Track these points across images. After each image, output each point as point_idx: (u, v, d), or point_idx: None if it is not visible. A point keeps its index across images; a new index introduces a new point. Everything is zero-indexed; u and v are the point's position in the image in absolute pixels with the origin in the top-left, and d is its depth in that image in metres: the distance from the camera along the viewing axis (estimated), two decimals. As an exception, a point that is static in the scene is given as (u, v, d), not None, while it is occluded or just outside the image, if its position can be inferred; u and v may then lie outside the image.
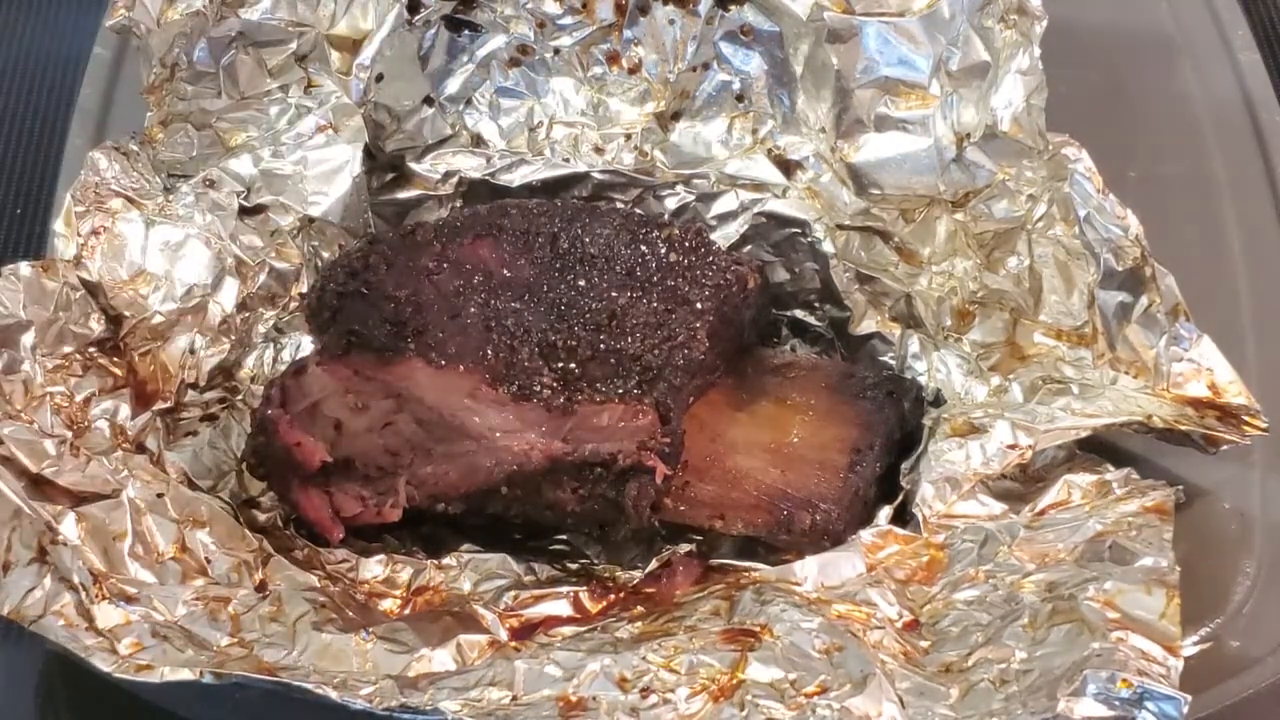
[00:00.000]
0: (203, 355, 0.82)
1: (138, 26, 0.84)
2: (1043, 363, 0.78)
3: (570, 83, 0.95)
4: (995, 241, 0.81)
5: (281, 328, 0.88)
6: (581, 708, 0.62)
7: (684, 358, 0.77)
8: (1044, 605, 0.64)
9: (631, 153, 0.94)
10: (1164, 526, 0.67)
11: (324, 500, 0.78)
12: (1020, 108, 0.79)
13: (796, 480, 0.79)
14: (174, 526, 0.72)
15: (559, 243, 0.81)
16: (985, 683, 0.61)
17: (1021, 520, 0.71)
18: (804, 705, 0.61)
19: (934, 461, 0.75)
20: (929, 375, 0.84)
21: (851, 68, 0.85)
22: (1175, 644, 0.60)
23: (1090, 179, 0.74)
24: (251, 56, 0.88)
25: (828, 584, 0.70)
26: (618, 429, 0.76)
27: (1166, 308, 0.71)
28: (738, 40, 0.91)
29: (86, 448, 0.73)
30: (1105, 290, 0.73)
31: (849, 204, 0.88)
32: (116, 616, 0.65)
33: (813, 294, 0.92)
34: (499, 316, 0.77)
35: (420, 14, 0.92)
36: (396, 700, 0.61)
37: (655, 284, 0.79)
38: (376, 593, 0.77)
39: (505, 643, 0.71)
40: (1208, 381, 0.70)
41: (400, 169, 0.95)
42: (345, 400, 0.76)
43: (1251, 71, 0.94)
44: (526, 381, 0.75)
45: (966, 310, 0.83)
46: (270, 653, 0.67)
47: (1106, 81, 0.94)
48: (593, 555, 0.84)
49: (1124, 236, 0.72)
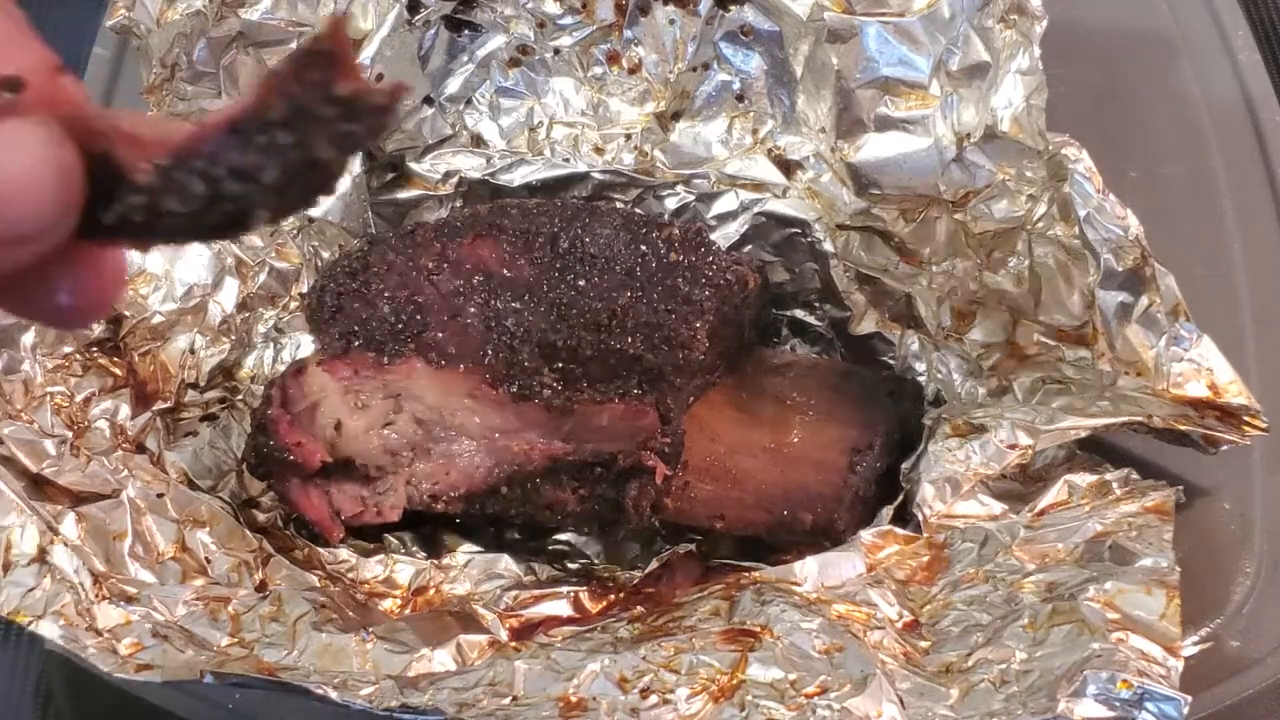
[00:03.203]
0: (203, 355, 0.82)
1: (138, 26, 0.84)
2: (1043, 363, 0.78)
3: (570, 83, 0.95)
4: (995, 241, 0.81)
5: (281, 328, 0.88)
6: (581, 708, 0.62)
7: (684, 358, 0.77)
8: (1044, 605, 0.64)
9: (631, 153, 0.94)
10: (1164, 526, 0.67)
11: (324, 500, 0.78)
12: (1020, 108, 0.79)
13: (796, 480, 0.79)
14: (174, 526, 0.72)
15: (559, 243, 0.81)
16: (985, 683, 0.61)
17: (1021, 520, 0.71)
18: (804, 705, 0.61)
19: (934, 461, 0.75)
20: (929, 375, 0.84)
21: (851, 68, 0.85)
22: (1175, 644, 0.60)
23: (1090, 179, 0.74)
24: (251, 56, 0.88)
25: (828, 584, 0.70)
26: (618, 429, 0.76)
27: (1166, 308, 0.71)
28: (738, 40, 0.91)
29: (86, 448, 0.73)
30: (1105, 290, 0.73)
31: (849, 204, 0.88)
32: (116, 616, 0.65)
33: (813, 294, 0.92)
34: (499, 316, 0.77)
35: (420, 14, 0.92)
36: (396, 700, 0.61)
37: (655, 284, 0.79)
38: (376, 593, 0.77)
39: (505, 643, 0.71)
40: (1208, 381, 0.70)
41: (400, 169, 0.95)
42: (345, 400, 0.76)
43: (1251, 71, 0.94)
44: (526, 381, 0.75)
45: (966, 310, 0.83)
46: (270, 653, 0.67)
47: (1106, 81, 0.94)
48: (593, 555, 0.84)
49: (1124, 236, 0.72)
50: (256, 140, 0.32)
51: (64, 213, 0.32)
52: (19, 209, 0.31)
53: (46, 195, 0.32)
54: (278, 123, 0.31)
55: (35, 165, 0.32)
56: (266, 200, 0.32)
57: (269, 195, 0.32)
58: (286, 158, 0.32)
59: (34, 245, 0.32)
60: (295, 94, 0.31)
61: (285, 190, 0.32)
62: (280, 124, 0.31)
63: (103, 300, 0.36)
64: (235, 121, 0.32)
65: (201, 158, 0.32)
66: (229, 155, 0.32)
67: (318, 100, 0.31)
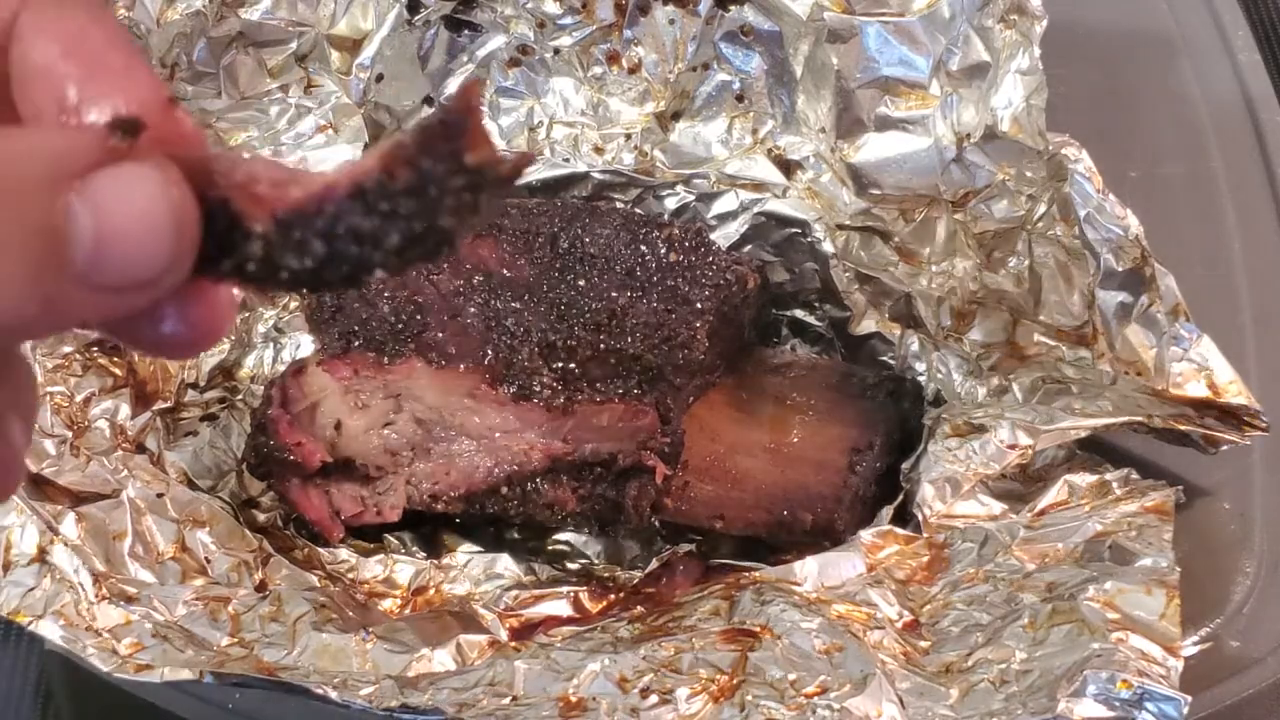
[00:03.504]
0: (203, 355, 0.82)
1: (138, 27, 0.84)
2: (1043, 363, 0.78)
3: (570, 83, 0.95)
4: (995, 241, 0.81)
5: (281, 328, 0.88)
6: (581, 708, 0.62)
7: (684, 358, 0.77)
8: (1044, 605, 0.64)
9: (631, 153, 0.94)
10: (1164, 526, 0.67)
11: (324, 500, 0.78)
12: (1020, 108, 0.79)
13: (796, 480, 0.79)
14: (174, 526, 0.72)
15: (559, 243, 0.81)
16: (985, 683, 0.61)
17: (1021, 520, 0.71)
18: (804, 705, 0.61)
19: (934, 461, 0.75)
20: (929, 375, 0.84)
21: (851, 68, 0.85)
22: (1175, 644, 0.60)
23: (1090, 179, 0.74)
24: (251, 56, 0.88)
25: (828, 584, 0.70)
26: (618, 429, 0.76)
27: (1166, 308, 0.71)
28: (738, 40, 0.91)
29: (86, 448, 0.73)
30: (1105, 290, 0.73)
31: (849, 204, 0.88)
32: (116, 616, 0.65)
33: (813, 294, 0.92)
34: (499, 316, 0.77)
35: (420, 14, 0.92)
36: (396, 700, 0.61)
37: (655, 284, 0.79)
38: (376, 593, 0.77)
39: (505, 643, 0.71)
40: (1208, 381, 0.70)
41: (400, 169, 0.94)
42: (345, 400, 0.76)
43: (1251, 71, 0.94)
44: (526, 381, 0.75)
45: (966, 310, 0.83)
46: (270, 653, 0.67)
47: (1106, 81, 0.94)
48: (593, 555, 0.84)
49: (1124, 236, 0.72)
50: (380, 206, 0.31)
51: (179, 260, 0.31)
52: (135, 256, 0.31)
53: (164, 243, 0.31)
54: (403, 191, 0.31)
55: (152, 212, 0.31)
56: (385, 262, 0.32)
57: (388, 257, 0.32)
58: (410, 225, 0.31)
59: (149, 292, 0.32)
60: (424, 165, 0.31)
61: (404, 253, 0.31)
62: (405, 192, 0.31)
63: (213, 332, 0.35)
64: (359, 185, 0.31)
65: (323, 218, 0.31)
66: (351, 219, 0.31)
67: (447, 170, 0.31)
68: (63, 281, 0.30)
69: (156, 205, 0.31)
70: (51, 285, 0.30)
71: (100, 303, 0.31)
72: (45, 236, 0.30)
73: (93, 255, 0.30)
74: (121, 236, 0.30)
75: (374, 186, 0.31)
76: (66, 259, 0.30)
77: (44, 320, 0.31)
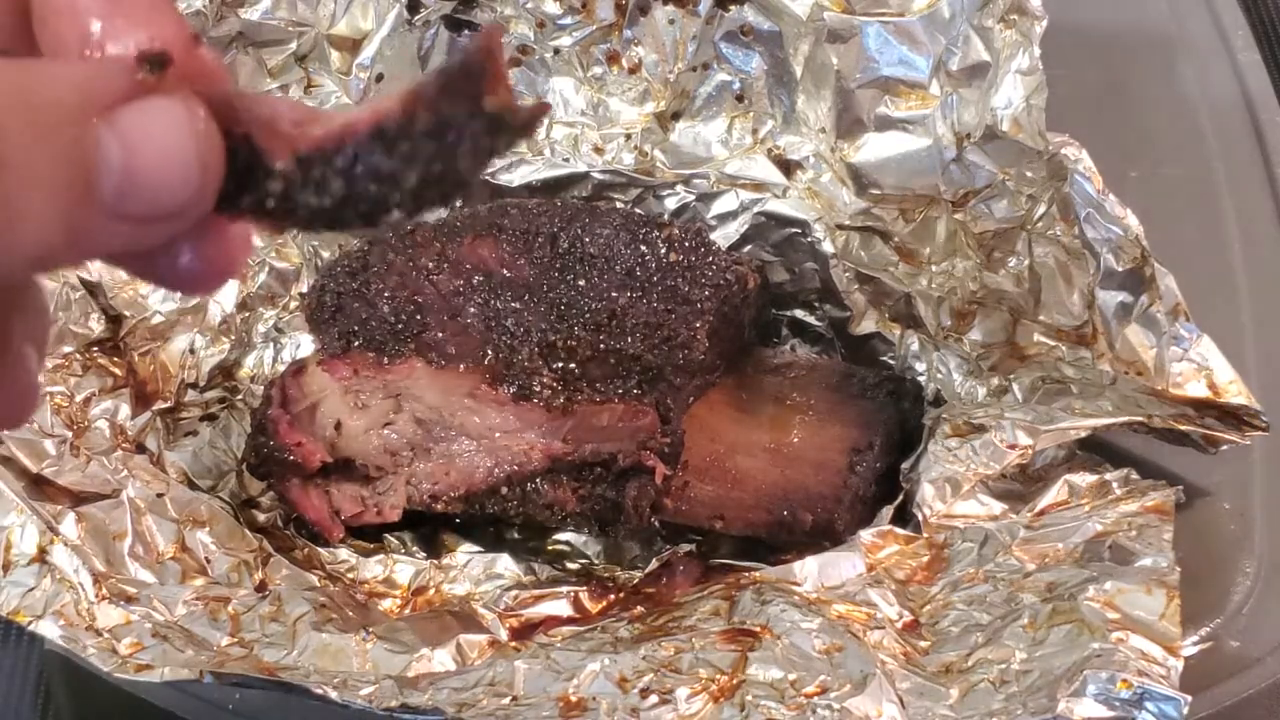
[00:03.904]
0: (203, 355, 0.82)
1: (137, 26, 0.84)
2: (1043, 363, 0.78)
3: (570, 83, 0.95)
4: (995, 241, 0.81)
5: (281, 328, 0.88)
6: (581, 708, 0.62)
7: (684, 358, 0.77)
8: (1044, 605, 0.64)
9: (631, 153, 0.94)
10: (1164, 526, 0.67)
11: (324, 500, 0.78)
12: (1020, 108, 0.79)
13: (796, 480, 0.79)
14: (174, 526, 0.72)
15: (559, 243, 0.81)
16: (985, 683, 0.61)
17: (1021, 520, 0.71)
18: (804, 705, 0.61)
19: (934, 461, 0.75)
20: (929, 375, 0.84)
21: (851, 68, 0.85)
22: (1175, 644, 0.60)
23: (1090, 179, 0.74)
24: (251, 56, 0.88)
25: (828, 584, 0.70)
26: (618, 429, 0.76)
27: (1166, 308, 0.71)
28: (738, 40, 0.91)
29: (86, 448, 0.73)
30: (1105, 290, 0.73)
31: (849, 204, 0.88)
32: (116, 616, 0.65)
33: (813, 294, 0.92)
34: (499, 316, 0.77)
35: (420, 14, 0.92)
36: (396, 700, 0.61)
37: (655, 284, 0.79)
38: (376, 593, 0.77)
39: (505, 643, 0.71)
40: (1208, 381, 0.70)
41: (400, 169, 0.94)
42: (345, 400, 0.76)
43: (1251, 71, 0.94)
44: (526, 381, 0.75)
45: (966, 310, 0.83)
46: (270, 653, 0.67)
47: (1106, 81, 0.94)
48: (593, 555, 0.84)
49: (1124, 236, 0.72)
50: (400, 147, 0.32)
51: (204, 193, 0.32)
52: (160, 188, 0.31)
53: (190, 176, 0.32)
54: (423, 133, 0.32)
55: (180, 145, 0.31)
56: (402, 202, 0.32)
57: (405, 198, 0.32)
58: (428, 167, 0.32)
59: (172, 224, 0.32)
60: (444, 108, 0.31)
61: (421, 194, 0.32)
62: (425, 134, 0.32)
63: (227, 269, 0.35)
64: (380, 126, 0.32)
65: (343, 156, 0.32)
66: (371, 158, 0.32)
67: (466, 114, 0.31)
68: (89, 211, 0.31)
69: (184, 139, 0.31)
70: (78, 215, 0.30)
71: (124, 233, 0.32)
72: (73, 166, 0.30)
73: (120, 186, 0.31)
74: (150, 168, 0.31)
75: (394, 128, 0.32)
76: (94, 189, 0.30)
77: (68, 249, 0.31)
